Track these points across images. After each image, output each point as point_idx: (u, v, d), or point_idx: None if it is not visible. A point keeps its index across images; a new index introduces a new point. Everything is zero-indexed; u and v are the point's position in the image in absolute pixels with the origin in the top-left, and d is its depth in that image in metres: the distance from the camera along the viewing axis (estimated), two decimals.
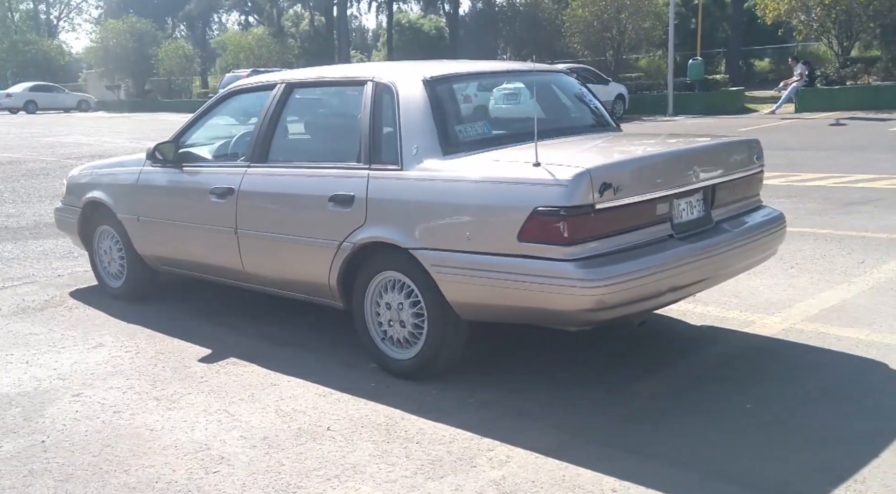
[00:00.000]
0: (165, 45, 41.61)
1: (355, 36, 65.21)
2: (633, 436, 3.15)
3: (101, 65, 43.02)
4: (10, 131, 24.96)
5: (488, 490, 2.78)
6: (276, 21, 45.70)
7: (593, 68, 23.23)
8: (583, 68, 22.34)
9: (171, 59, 39.55)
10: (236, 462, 3.03)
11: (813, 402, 3.41)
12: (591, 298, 3.19)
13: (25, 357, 4.26)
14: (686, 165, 3.64)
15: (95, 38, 43.62)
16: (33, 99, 39.69)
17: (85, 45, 52.09)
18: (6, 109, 38.92)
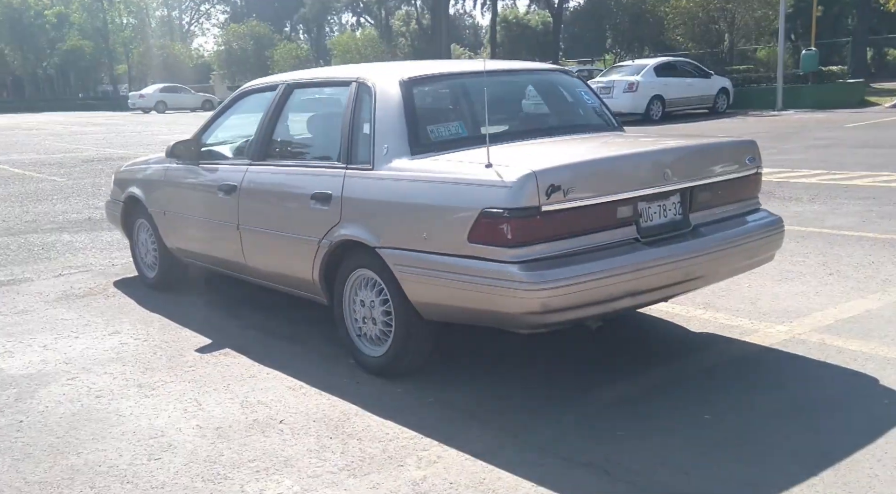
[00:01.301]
0: (280, 47, 43.24)
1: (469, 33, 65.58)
2: (572, 443, 3.08)
3: (224, 67, 45.27)
4: (133, 130, 26.56)
5: (404, 489, 2.79)
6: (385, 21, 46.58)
7: (693, 61, 22.41)
8: (682, 61, 21.63)
9: (286, 61, 41.11)
10: (181, 450, 3.15)
11: (776, 416, 3.23)
12: (536, 301, 3.14)
13: (46, 341, 4.56)
14: (654, 167, 3.51)
15: (220, 41, 45.93)
16: (163, 99, 42.07)
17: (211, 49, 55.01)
18: (139, 109, 41.44)
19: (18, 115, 40.85)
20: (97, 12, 49.19)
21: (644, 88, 18.98)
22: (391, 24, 47.33)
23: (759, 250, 3.84)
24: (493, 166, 3.26)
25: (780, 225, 3.96)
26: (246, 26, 42.69)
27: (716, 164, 3.77)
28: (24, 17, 51.11)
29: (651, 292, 3.45)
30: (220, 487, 2.86)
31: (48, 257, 6.80)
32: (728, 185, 3.79)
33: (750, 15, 25.46)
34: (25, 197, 10.43)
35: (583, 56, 39.10)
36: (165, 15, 61.91)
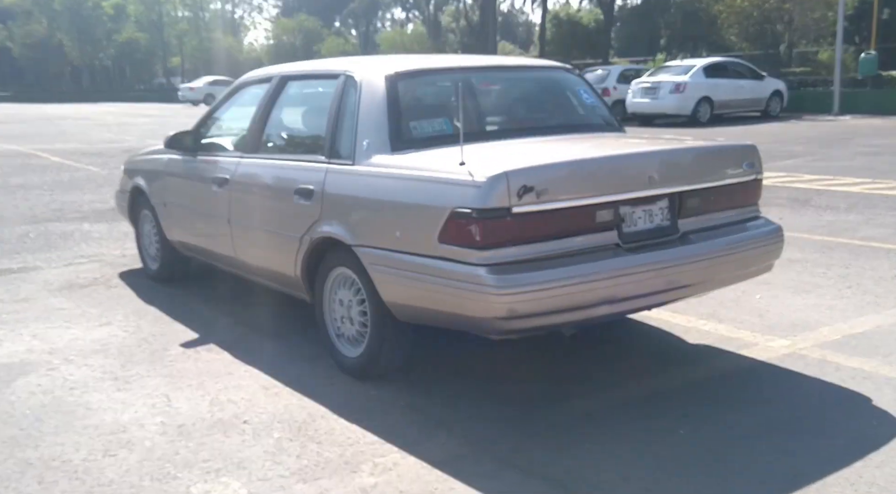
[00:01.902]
0: (328, 41, 43.54)
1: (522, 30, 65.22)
2: (535, 454, 2.95)
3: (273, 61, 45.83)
4: (180, 122, 26.88)
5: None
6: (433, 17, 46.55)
7: (746, 62, 21.82)
8: (733, 62, 21.08)
9: (332, 55, 41.40)
10: (138, 447, 3.09)
11: (754, 435, 3.06)
12: (502, 305, 3.00)
13: (37, 331, 4.55)
14: (637, 170, 3.35)
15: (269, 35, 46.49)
16: (211, 92, 42.54)
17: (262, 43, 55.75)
18: (189, 102, 42.09)
19: (74, 104, 41.79)
20: (153, 5, 50.33)
21: (692, 89, 18.53)
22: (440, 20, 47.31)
23: (754, 259, 3.65)
24: (467, 165, 3.12)
25: (777, 234, 3.76)
26: (295, 20, 43.14)
27: (708, 168, 3.59)
28: (82, 8, 52.44)
29: (631, 301, 3.29)
30: (165, 487, 2.79)
31: (63, 245, 6.84)
32: (722, 191, 3.60)
33: (808, 16, 24.68)
34: (57, 186, 10.59)
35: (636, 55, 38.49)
36: (219, 8, 63.16)
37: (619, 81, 20.70)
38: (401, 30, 45.21)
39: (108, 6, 53.00)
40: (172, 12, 53.30)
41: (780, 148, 13.24)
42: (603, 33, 35.39)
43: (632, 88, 19.24)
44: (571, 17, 40.20)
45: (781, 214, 7.41)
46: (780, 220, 7.03)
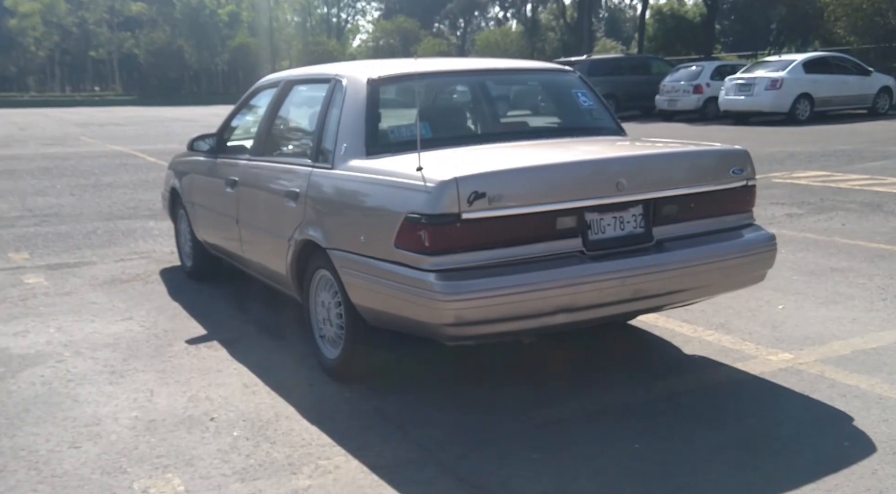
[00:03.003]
0: (424, 42, 43.95)
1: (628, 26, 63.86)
2: (478, 462, 2.90)
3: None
4: None
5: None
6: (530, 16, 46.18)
7: (852, 57, 20.56)
8: (837, 57, 19.92)
9: (428, 56, 41.75)
10: (103, 440, 3.19)
11: (716, 451, 2.91)
12: (450, 312, 2.97)
13: (63, 324, 4.78)
14: (603, 176, 3.22)
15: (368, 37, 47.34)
16: None
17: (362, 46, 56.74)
18: None
19: (189, 107, 43.76)
20: (265, 11, 52.32)
21: (789, 86, 17.62)
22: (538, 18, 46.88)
23: (740, 269, 3.46)
24: (423, 171, 3.09)
25: (768, 243, 3.54)
26: (393, 22, 43.78)
27: (687, 174, 3.42)
28: (200, 15, 55.19)
29: (593, 309, 3.17)
30: (111, 481, 2.87)
31: (123, 242, 7.18)
32: (704, 197, 3.42)
33: None
34: (140, 185, 11.12)
35: (744, 50, 36.98)
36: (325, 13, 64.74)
37: (714, 77, 19.90)
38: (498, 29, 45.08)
39: (223, 13, 55.52)
40: (282, 17, 55.34)
41: (874, 149, 12.45)
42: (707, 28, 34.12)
43: (725, 85, 18.48)
44: (675, 12, 39.02)
45: (847, 219, 6.98)
46: (842, 226, 6.71)
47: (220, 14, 55.95)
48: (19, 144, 18.69)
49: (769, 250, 3.54)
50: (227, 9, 55.89)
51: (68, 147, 17.71)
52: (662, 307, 3.55)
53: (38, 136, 21.68)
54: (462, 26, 53.93)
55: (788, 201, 8.01)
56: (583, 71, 21.53)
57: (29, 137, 21.34)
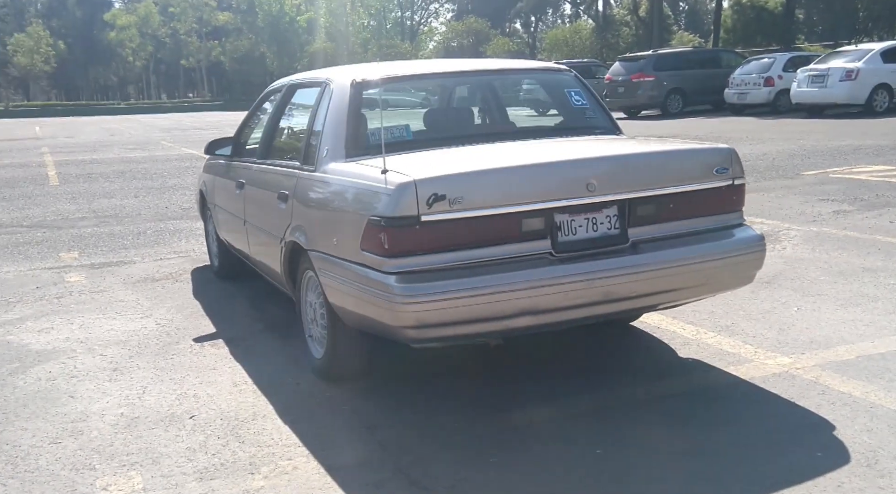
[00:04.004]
0: (494, 42, 43.82)
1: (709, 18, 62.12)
2: (433, 465, 2.87)
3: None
4: None
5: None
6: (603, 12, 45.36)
7: None
8: None
9: (498, 56, 41.57)
10: (83, 437, 3.27)
11: (679, 458, 2.82)
12: (410, 314, 2.95)
13: (87, 321, 4.95)
14: (571, 177, 3.14)
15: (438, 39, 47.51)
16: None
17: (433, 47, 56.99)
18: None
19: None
20: (341, 16, 53.41)
21: (866, 76, 16.79)
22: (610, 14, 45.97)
23: (724, 270, 3.31)
24: (388, 173, 3.07)
25: (756, 244, 3.39)
26: (464, 23, 43.86)
27: (666, 174, 3.30)
28: (280, 23, 56.81)
29: (560, 312, 3.08)
30: (76, 478, 2.94)
31: (167, 242, 7.40)
32: (685, 198, 3.29)
33: None
34: None
35: (828, 40, 35.47)
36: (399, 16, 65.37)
37: (787, 68, 19.09)
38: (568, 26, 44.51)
39: (303, 20, 56.95)
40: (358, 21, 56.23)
41: None
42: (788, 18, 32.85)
43: (797, 77, 17.74)
44: (755, 3, 37.69)
45: (893, 217, 6.59)
46: (890, 223, 6.34)
47: (300, 21, 57.42)
48: (105, 149, 19.56)
49: (756, 251, 3.38)
50: (306, 15, 57.28)
51: (147, 151, 18.42)
52: (644, 310, 3.42)
53: (124, 141, 22.65)
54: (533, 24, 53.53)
55: (840, 198, 7.64)
56: (648, 66, 21.28)
57: (115, 142, 22.32)
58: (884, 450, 2.72)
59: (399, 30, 63.31)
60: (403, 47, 53.12)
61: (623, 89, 21.76)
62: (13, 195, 11.14)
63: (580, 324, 3.30)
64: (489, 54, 42.19)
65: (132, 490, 2.83)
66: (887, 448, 2.73)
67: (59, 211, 9.52)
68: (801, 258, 5.42)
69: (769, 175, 9.58)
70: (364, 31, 57.98)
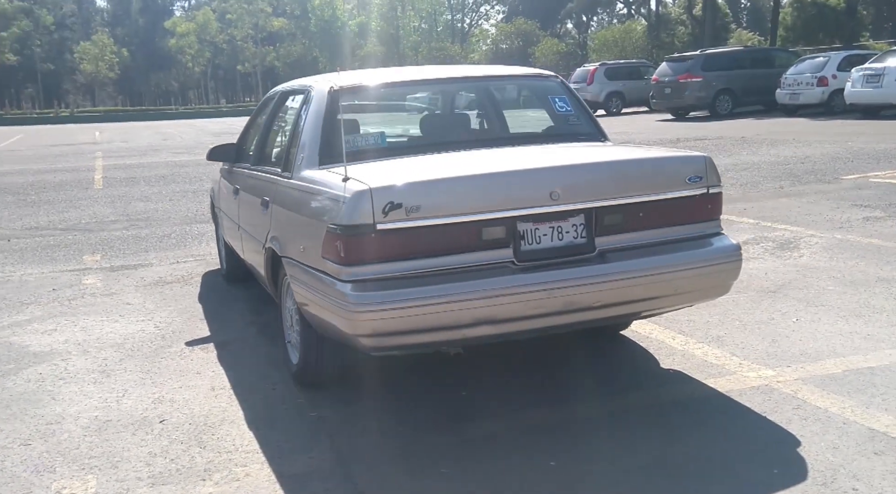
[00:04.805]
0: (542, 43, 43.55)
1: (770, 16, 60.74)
2: (383, 475, 2.84)
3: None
4: None
5: None
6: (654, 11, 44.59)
7: None
8: None
9: (546, 57, 41.29)
10: (53, 439, 3.31)
11: (633, 473, 2.74)
12: (365, 323, 2.92)
13: (90, 323, 5.03)
14: (535, 186, 3.06)
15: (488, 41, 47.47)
16: None
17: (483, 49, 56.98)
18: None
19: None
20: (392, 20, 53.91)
21: None
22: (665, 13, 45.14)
23: (695, 280, 3.21)
24: (348, 181, 3.06)
25: (731, 254, 3.28)
26: (513, 25, 43.82)
27: (635, 183, 3.21)
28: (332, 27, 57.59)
29: (521, 322, 3.02)
30: (34, 480, 2.97)
31: (187, 245, 7.50)
32: (656, 206, 3.19)
33: None
34: None
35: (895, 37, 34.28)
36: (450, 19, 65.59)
37: (842, 67, 18.43)
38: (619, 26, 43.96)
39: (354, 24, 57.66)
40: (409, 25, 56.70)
41: None
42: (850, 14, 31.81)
43: (851, 76, 17.12)
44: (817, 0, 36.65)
45: None
46: None
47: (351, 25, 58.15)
48: (154, 153, 20.01)
49: (731, 261, 3.26)
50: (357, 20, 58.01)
51: (193, 155, 18.73)
52: (614, 319, 3.32)
53: (174, 145, 23.14)
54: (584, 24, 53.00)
55: (874, 203, 7.34)
56: (695, 67, 20.85)
57: (166, 146, 22.81)
58: (844, 469, 2.59)
59: (450, 32, 63.52)
60: (453, 50, 53.27)
61: (670, 90, 21.36)
62: (57, 198, 11.44)
63: (547, 334, 3.22)
64: (537, 55, 41.93)
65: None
66: (849, 467, 2.59)
67: (94, 214, 9.74)
68: (815, 267, 5.21)
69: (805, 179, 9.26)
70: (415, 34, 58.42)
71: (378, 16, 57.91)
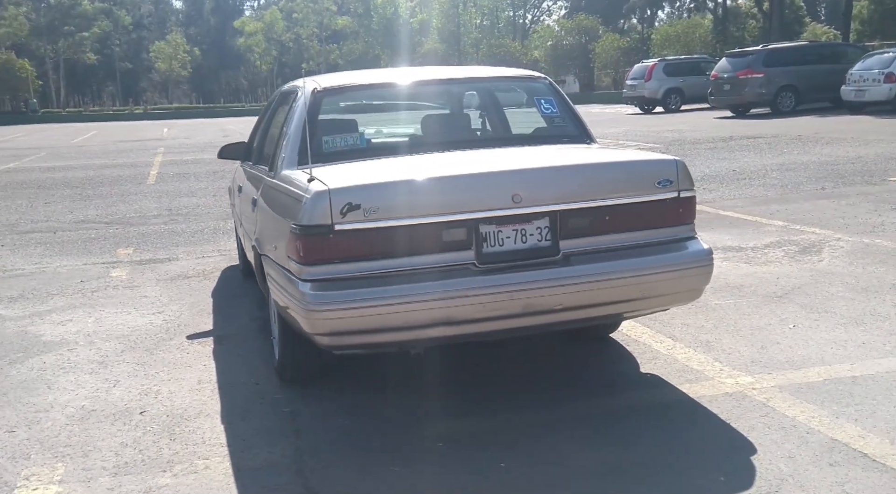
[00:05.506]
0: (603, 39, 42.85)
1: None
2: (339, 473, 2.87)
3: (550, 63, 46.16)
4: None
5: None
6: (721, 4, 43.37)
7: None
8: None
9: (607, 53, 40.57)
10: (37, 427, 3.42)
11: (575, 478, 2.72)
12: (322, 322, 2.97)
13: (104, 315, 5.17)
14: (496, 188, 3.05)
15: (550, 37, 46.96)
16: None
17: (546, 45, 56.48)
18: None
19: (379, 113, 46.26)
20: (453, 17, 54.00)
21: None
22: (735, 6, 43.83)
23: (663, 285, 3.14)
24: (312, 182, 3.11)
25: (702, 259, 3.21)
26: (574, 20, 43.34)
27: (601, 187, 3.16)
28: (394, 25, 58.08)
29: (481, 323, 3.02)
30: (10, 466, 3.07)
31: (216, 240, 7.65)
32: (623, 210, 3.14)
33: None
34: None
35: None
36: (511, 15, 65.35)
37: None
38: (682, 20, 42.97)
39: (415, 22, 58.02)
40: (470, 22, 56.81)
41: None
42: None
43: None
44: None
45: None
46: None
47: (412, 23, 58.57)
48: (212, 149, 20.32)
49: (701, 266, 3.19)
50: (419, 17, 58.36)
51: None
52: (578, 323, 3.26)
53: (232, 141, 23.65)
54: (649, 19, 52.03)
55: None
56: (756, 62, 20.25)
57: (225, 142, 23.29)
58: (792, 479, 2.51)
59: (511, 29, 63.26)
60: (513, 47, 52.98)
61: (729, 87, 20.83)
62: (110, 193, 11.82)
63: (510, 336, 3.19)
64: (597, 52, 41.30)
65: (50, 481, 2.93)
66: (797, 478, 2.51)
67: (140, 209, 10.03)
68: (832, 272, 5.02)
69: (851, 180, 8.92)
70: (475, 31, 58.41)
71: (439, 13, 58.12)
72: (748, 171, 10.19)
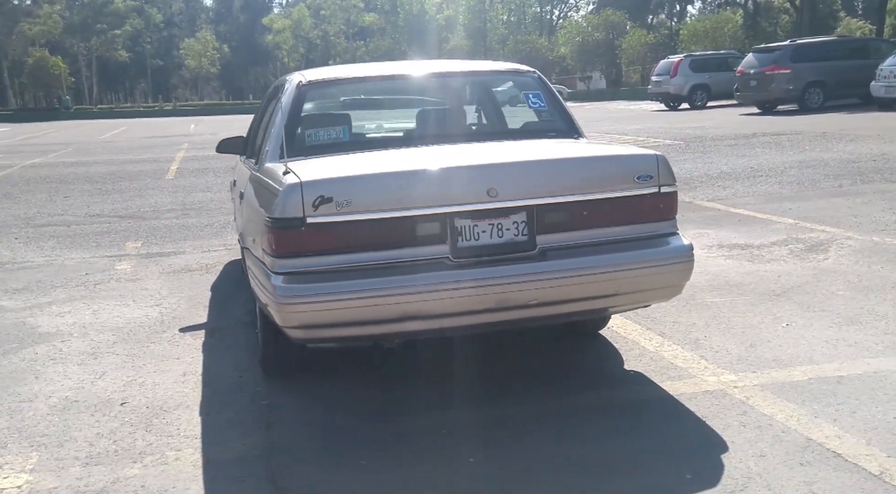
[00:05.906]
0: (629, 35, 42.44)
1: None
2: (306, 468, 2.85)
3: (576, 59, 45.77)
4: None
5: (98, 484, 2.79)
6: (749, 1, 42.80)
7: None
8: None
9: (633, 49, 40.15)
10: (18, 417, 3.43)
11: (545, 473, 2.69)
12: (292, 315, 2.96)
13: (103, 307, 5.20)
14: (470, 182, 3.01)
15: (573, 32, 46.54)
16: None
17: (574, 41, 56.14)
18: None
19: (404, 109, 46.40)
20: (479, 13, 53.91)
21: None
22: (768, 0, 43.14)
23: (641, 280, 3.09)
24: (287, 175, 3.10)
25: (682, 255, 3.15)
26: (601, 16, 43.04)
27: (579, 181, 3.12)
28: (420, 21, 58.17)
29: (454, 318, 2.99)
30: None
31: (223, 234, 7.66)
32: (602, 205, 3.08)
33: None
34: None
35: None
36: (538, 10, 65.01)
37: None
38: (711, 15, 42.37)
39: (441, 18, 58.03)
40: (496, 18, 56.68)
41: None
42: None
43: None
44: None
45: None
46: None
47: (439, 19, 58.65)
48: None
49: (681, 262, 3.13)
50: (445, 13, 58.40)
51: None
52: (554, 318, 3.21)
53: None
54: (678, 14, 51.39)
55: None
56: (784, 58, 19.90)
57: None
58: (760, 478, 2.45)
59: (538, 25, 62.95)
60: (540, 43, 52.65)
61: (755, 83, 20.51)
62: (129, 188, 11.93)
63: (485, 331, 3.15)
64: (624, 47, 40.90)
65: (21, 470, 2.94)
66: (765, 477, 2.45)
67: (155, 203, 10.11)
68: (835, 270, 4.90)
69: (870, 178, 8.73)
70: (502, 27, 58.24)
71: (466, 9, 58.10)
72: (766, 168, 10.02)
